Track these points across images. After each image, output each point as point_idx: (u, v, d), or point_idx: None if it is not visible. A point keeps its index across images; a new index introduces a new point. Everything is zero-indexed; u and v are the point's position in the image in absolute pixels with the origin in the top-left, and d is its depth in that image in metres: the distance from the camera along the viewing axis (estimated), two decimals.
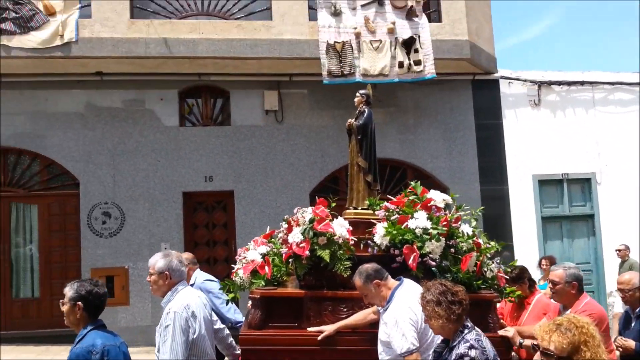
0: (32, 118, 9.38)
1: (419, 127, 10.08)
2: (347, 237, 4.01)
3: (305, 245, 3.92)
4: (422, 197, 4.25)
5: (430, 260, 3.91)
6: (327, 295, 4.01)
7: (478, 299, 3.91)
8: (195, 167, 9.59)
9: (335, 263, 3.91)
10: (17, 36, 8.26)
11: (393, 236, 3.97)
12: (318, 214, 4.02)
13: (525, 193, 10.28)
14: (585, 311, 3.72)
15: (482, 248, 4.12)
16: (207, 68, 9.23)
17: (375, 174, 4.80)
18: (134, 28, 8.52)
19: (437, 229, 3.93)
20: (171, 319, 3.41)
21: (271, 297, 3.99)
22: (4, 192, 9.52)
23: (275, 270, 4.14)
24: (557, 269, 3.99)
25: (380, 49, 8.75)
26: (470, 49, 9.24)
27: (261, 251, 4.26)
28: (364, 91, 5.02)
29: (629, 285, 4.30)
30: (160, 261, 3.61)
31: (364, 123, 4.81)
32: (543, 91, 10.48)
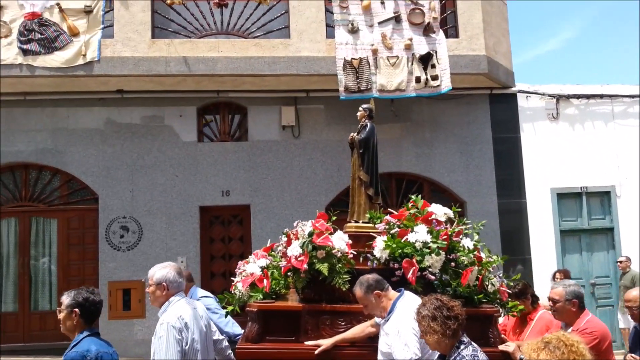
0: (53, 134, 9.54)
1: (436, 141, 10.08)
2: (347, 251, 4.01)
3: (303, 258, 3.91)
4: (423, 211, 4.23)
5: (429, 274, 3.89)
6: (325, 309, 3.99)
7: (479, 313, 3.90)
8: (213, 181, 9.67)
9: (334, 276, 3.90)
10: (41, 56, 8.43)
11: (392, 250, 3.97)
12: (317, 228, 4.02)
13: (543, 206, 10.21)
14: (587, 329, 3.70)
15: (484, 262, 4.09)
16: (226, 85, 9.33)
17: (377, 188, 4.81)
18: (155, 47, 8.64)
19: (436, 243, 3.91)
20: (164, 330, 3.43)
21: (268, 311, 3.97)
22: (24, 206, 9.67)
23: (274, 283, 4.14)
24: (556, 287, 3.95)
25: (397, 64, 8.78)
26: (488, 64, 9.23)
27: (261, 264, 4.26)
28: (367, 105, 5.06)
29: (637, 302, 4.25)
30: (158, 272, 3.64)
31: (365, 137, 4.83)
32: (561, 105, 10.43)
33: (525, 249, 10.03)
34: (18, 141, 9.49)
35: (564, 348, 2.23)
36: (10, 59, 8.45)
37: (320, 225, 4.05)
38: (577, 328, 3.76)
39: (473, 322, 3.86)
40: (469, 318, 3.81)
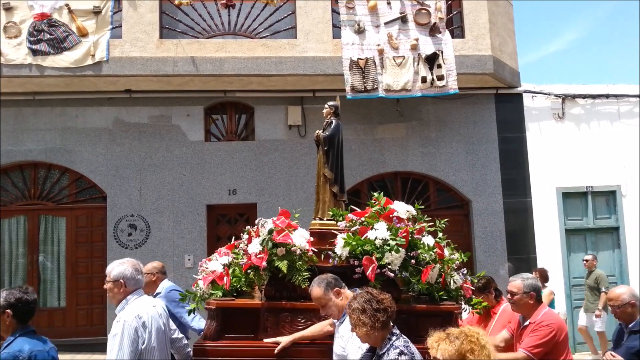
0: (62, 134, 9.63)
1: (441, 140, 10.12)
2: (307, 248, 3.98)
3: (263, 256, 3.91)
4: (385, 208, 4.21)
5: (389, 271, 3.88)
6: (285, 306, 3.97)
7: (439, 310, 3.92)
8: (219, 180, 9.74)
9: (293, 274, 3.89)
10: (50, 56, 8.53)
11: (352, 247, 3.94)
12: (278, 225, 4.01)
13: (548, 206, 10.24)
14: (544, 321, 3.74)
15: (445, 259, 4.10)
16: (233, 85, 9.40)
17: (341, 185, 4.79)
18: (163, 47, 8.72)
19: (395, 240, 3.90)
20: (120, 328, 3.38)
21: (227, 308, 3.95)
22: (34, 204, 9.78)
23: (235, 281, 4.11)
24: (515, 280, 3.98)
25: (403, 64, 8.82)
26: (494, 64, 9.26)
27: (223, 262, 4.23)
28: (333, 103, 5.02)
29: (619, 301, 4.26)
30: (115, 269, 3.59)
31: (330, 134, 4.82)
32: (567, 104, 10.44)
33: (530, 248, 10.06)
34: (27, 140, 9.59)
35: (464, 338, 2.26)
36: (20, 59, 8.55)
37: (281, 223, 4.04)
38: (533, 320, 3.80)
39: (434, 318, 3.90)
40: (429, 315, 3.91)
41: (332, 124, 4.87)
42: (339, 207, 4.67)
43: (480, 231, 9.99)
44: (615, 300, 4.26)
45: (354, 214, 4.24)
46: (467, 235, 10.16)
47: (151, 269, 5.33)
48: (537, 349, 3.68)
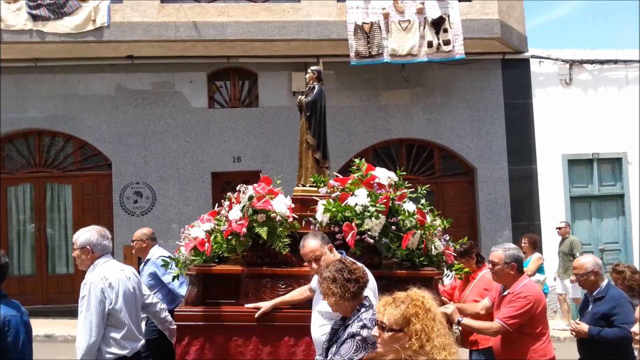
0: (65, 101, 9.59)
1: (447, 106, 10.02)
2: (288, 215, 3.96)
3: (243, 222, 3.89)
4: (366, 175, 4.17)
5: (368, 238, 3.86)
6: (265, 272, 3.97)
7: (418, 276, 3.92)
8: (224, 147, 9.73)
9: (274, 240, 3.87)
10: (50, 22, 8.42)
11: (332, 213, 3.92)
12: (258, 192, 3.98)
13: (554, 173, 10.19)
14: (522, 292, 3.73)
15: (426, 225, 4.08)
16: (236, 50, 9.28)
17: (324, 151, 4.74)
18: (164, 12, 8.59)
19: (375, 207, 3.88)
20: (87, 289, 3.47)
21: (208, 274, 3.97)
22: (39, 172, 9.82)
23: (217, 247, 4.10)
24: (496, 250, 3.96)
25: (409, 29, 8.67)
26: (501, 28, 9.09)
27: (205, 228, 4.22)
28: (316, 67, 4.90)
29: (583, 269, 4.28)
30: (81, 236, 3.65)
31: (312, 100, 4.72)
32: (574, 70, 10.28)
33: (535, 215, 10.07)
34: (30, 108, 9.56)
35: (409, 302, 2.27)
36: (20, 24, 8.45)
37: (262, 189, 4.01)
38: (512, 291, 3.80)
39: (413, 284, 3.91)
40: (409, 281, 3.83)
41: (315, 89, 4.76)
42: (322, 173, 4.65)
43: (485, 198, 9.98)
44: (580, 269, 4.29)
45: (336, 180, 4.22)
46: (472, 202, 10.16)
47: (140, 236, 5.34)
48: (512, 320, 3.69)
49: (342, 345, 2.80)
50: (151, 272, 5.13)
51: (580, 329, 4.20)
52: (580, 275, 4.30)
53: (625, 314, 4.12)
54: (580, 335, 4.24)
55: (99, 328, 3.43)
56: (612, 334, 4.08)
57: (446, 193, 10.20)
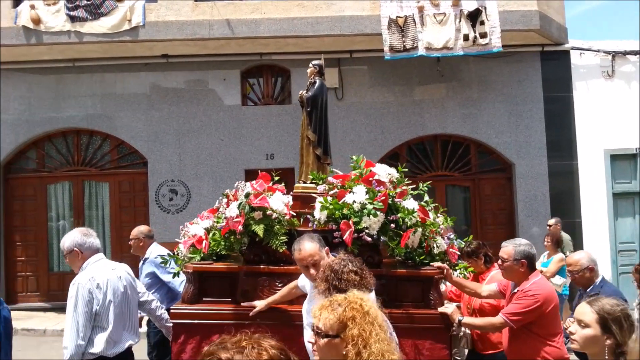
0: (102, 100, 9.77)
1: (484, 101, 9.80)
2: (285, 212, 3.88)
3: (240, 219, 3.82)
4: (366, 171, 4.04)
5: (366, 236, 3.75)
6: (263, 270, 3.92)
7: (418, 275, 3.82)
8: (257, 145, 9.74)
9: (270, 238, 3.79)
10: (88, 22, 8.59)
11: (330, 211, 3.83)
12: (255, 188, 3.91)
13: (595, 168, 9.85)
14: (530, 290, 3.57)
15: (427, 223, 3.95)
16: (269, 47, 9.28)
17: (325, 147, 4.63)
18: (198, 10, 8.65)
19: (373, 204, 3.76)
20: (75, 290, 3.50)
21: (204, 272, 3.92)
22: (78, 170, 10.03)
23: (214, 245, 4.05)
24: (507, 246, 3.78)
25: (444, 22, 8.50)
26: (540, 19, 8.82)
27: (204, 225, 4.16)
28: (317, 62, 4.78)
29: (577, 266, 4.16)
30: (67, 241, 3.68)
31: (313, 95, 4.61)
32: (617, 61, 9.90)
33: (576, 212, 9.76)
34: (69, 107, 9.77)
35: (346, 305, 2.11)
36: (59, 26, 8.64)
37: (259, 186, 3.94)
38: (522, 289, 3.64)
39: (414, 283, 3.81)
40: (409, 280, 3.80)
41: (316, 84, 4.66)
42: (323, 169, 4.55)
43: (524, 195, 9.73)
44: (574, 266, 4.17)
45: (335, 177, 4.11)
46: (510, 199, 9.92)
47: (137, 234, 5.33)
48: (516, 317, 3.53)
49: None
50: (150, 271, 5.11)
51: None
52: (575, 272, 4.17)
53: None
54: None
55: (85, 329, 3.45)
56: None
57: (483, 190, 9.99)
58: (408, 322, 3.66)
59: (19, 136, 9.76)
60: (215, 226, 4.12)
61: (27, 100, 9.75)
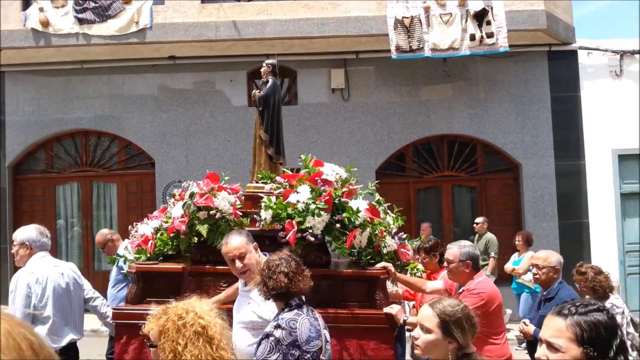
0: (110, 101, 9.84)
1: (490, 101, 9.77)
2: (231, 212, 3.88)
3: (184, 219, 3.83)
4: (314, 170, 4.04)
5: (310, 236, 3.73)
6: (207, 270, 3.92)
7: (364, 275, 3.83)
8: None
9: (215, 238, 3.79)
10: (96, 25, 8.66)
11: (274, 211, 3.83)
12: (201, 188, 3.91)
13: (603, 168, 9.80)
14: (475, 289, 3.60)
15: (375, 223, 3.94)
16: (275, 49, 9.29)
17: (278, 147, 4.64)
18: (205, 12, 8.69)
19: (315, 204, 3.75)
20: (14, 283, 3.61)
21: (148, 272, 3.93)
22: (86, 171, 10.11)
23: (161, 245, 4.05)
24: (452, 248, 3.83)
25: (451, 22, 8.49)
26: (547, 19, 8.79)
27: (154, 225, 4.17)
28: (270, 61, 4.81)
29: (547, 262, 4.09)
30: (21, 233, 3.80)
31: (265, 94, 4.63)
32: (625, 61, 9.83)
33: (583, 212, 9.71)
34: (77, 108, 9.85)
35: (171, 314, 2.05)
36: (67, 28, 8.71)
37: (205, 185, 3.95)
38: (467, 288, 3.68)
39: (359, 284, 3.82)
40: (356, 280, 3.82)
41: (269, 83, 4.68)
42: (276, 169, 4.57)
43: (530, 195, 9.69)
44: (544, 261, 4.11)
45: (283, 176, 4.14)
46: (517, 199, 9.89)
47: (103, 240, 5.47)
48: None
49: (258, 346, 2.73)
50: (120, 265, 5.14)
51: (527, 330, 4.06)
52: (542, 267, 4.09)
53: None
54: (527, 337, 4.10)
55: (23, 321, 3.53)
56: None
57: (489, 190, 9.96)
58: (353, 322, 3.69)
59: (27, 137, 9.85)
60: (163, 226, 4.15)
61: (35, 102, 9.84)
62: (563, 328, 1.66)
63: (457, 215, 10.17)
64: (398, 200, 10.04)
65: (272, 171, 4.53)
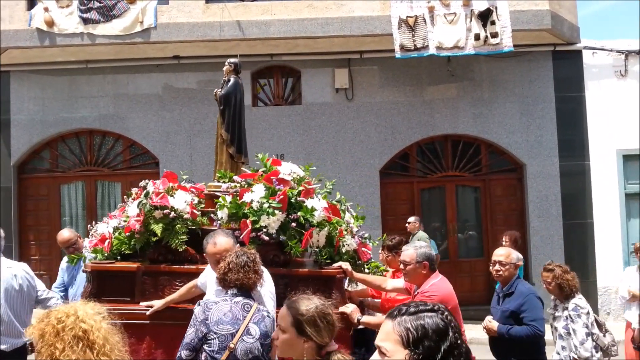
0: (114, 101, 9.87)
1: (495, 101, 9.76)
2: (187, 211, 3.88)
3: (139, 218, 3.84)
4: (271, 168, 4.06)
5: (264, 235, 3.75)
6: (163, 270, 3.91)
7: (320, 274, 3.86)
8: (267, 145, 9.74)
9: (170, 237, 3.79)
10: (100, 24, 8.68)
11: (230, 210, 3.85)
12: (157, 187, 3.92)
13: (608, 168, 9.77)
14: (428, 292, 3.59)
15: (332, 222, 3.93)
16: (279, 48, 9.32)
17: (239, 146, 4.64)
18: (209, 12, 8.71)
19: (269, 203, 3.76)
20: None
21: (103, 271, 3.93)
22: (90, 170, 10.14)
23: (118, 244, 4.05)
24: (408, 249, 3.81)
25: (455, 21, 8.48)
26: (552, 19, 8.77)
27: (113, 225, 4.17)
28: (233, 60, 4.83)
29: (509, 259, 4.08)
30: None
31: (226, 93, 4.66)
32: (630, 61, 9.80)
33: (588, 213, 9.69)
34: (82, 108, 9.88)
35: (46, 319, 1.98)
36: (72, 28, 8.74)
37: (163, 183, 3.96)
38: (421, 290, 3.67)
39: (315, 283, 3.84)
40: (312, 279, 3.84)
41: (230, 82, 4.71)
42: (237, 168, 4.57)
43: (535, 195, 9.67)
44: (507, 258, 4.09)
45: (241, 176, 4.15)
46: (521, 199, 9.87)
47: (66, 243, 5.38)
48: None
49: None
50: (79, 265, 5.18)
51: (491, 327, 4.06)
52: (503, 263, 4.08)
53: (533, 310, 3.97)
54: (491, 334, 4.10)
55: None
56: (521, 332, 3.94)
57: (494, 190, 9.95)
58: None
59: (32, 136, 9.89)
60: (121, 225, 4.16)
61: (40, 101, 9.87)
62: (390, 330, 1.51)
63: (461, 216, 10.16)
64: (402, 200, 10.07)
65: (233, 170, 4.53)
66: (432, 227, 10.10)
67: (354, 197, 9.65)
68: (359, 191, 9.57)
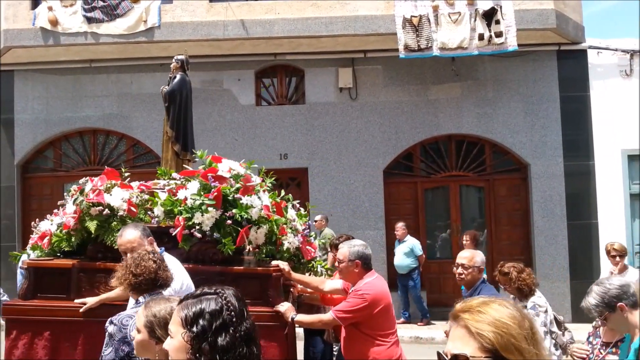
0: (118, 100, 9.87)
1: (499, 100, 9.72)
2: (124, 208, 3.87)
3: (75, 215, 3.83)
4: (210, 165, 4.04)
5: (197, 232, 3.71)
6: (99, 267, 3.90)
7: (256, 272, 3.84)
8: (271, 145, 9.77)
9: (105, 234, 3.78)
10: (104, 24, 8.69)
11: (164, 207, 3.83)
12: (95, 184, 3.91)
13: (613, 169, 9.72)
14: (360, 290, 3.58)
15: (272, 220, 3.91)
16: (283, 47, 9.31)
17: (185, 143, 4.61)
18: (213, 11, 8.71)
19: (202, 200, 3.72)
20: None
21: (39, 268, 3.95)
22: (94, 170, 10.12)
23: (58, 241, 4.05)
24: (342, 247, 3.77)
25: (459, 21, 8.46)
26: (556, 18, 8.74)
27: (57, 222, 4.17)
28: (180, 56, 4.81)
29: (473, 262, 3.94)
30: None
31: (171, 89, 4.64)
32: (635, 60, 9.73)
33: (592, 213, 9.65)
34: (86, 107, 9.89)
35: None
36: (76, 27, 8.75)
37: (101, 179, 3.96)
38: (355, 288, 3.65)
39: (252, 281, 3.83)
40: (247, 277, 3.82)
41: (176, 79, 4.69)
42: (182, 166, 4.56)
43: (539, 195, 9.64)
44: (470, 261, 3.95)
45: (181, 173, 4.13)
46: (525, 199, 9.84)
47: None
48: (344, 315, 3.55)
49: None
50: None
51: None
52: (467, 266, 3.94)
53: None
54: None
55: None
56: None
57: (497, 190, 9.91)
58: None
59: (36, 136, 9.90)
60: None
61: (44, 101, 9.88)
62: (175, 314, 1.72)
63: (465, 215, 10.13)
64: (405, 200, 10.05)
65: (179, 168, 4.50)
66: (435, 227, 10.09)
67: (357, 196, 9.66)
68: (363, 191, 9.56)
